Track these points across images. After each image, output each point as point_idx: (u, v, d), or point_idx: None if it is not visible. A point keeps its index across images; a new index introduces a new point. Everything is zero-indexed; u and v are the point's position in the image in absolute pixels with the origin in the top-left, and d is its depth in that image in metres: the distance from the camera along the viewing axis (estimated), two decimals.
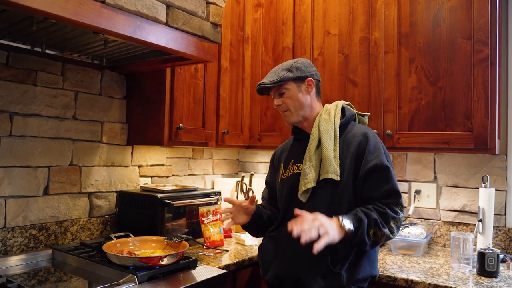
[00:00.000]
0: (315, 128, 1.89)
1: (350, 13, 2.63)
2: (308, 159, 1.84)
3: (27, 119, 2.11)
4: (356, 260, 1.77)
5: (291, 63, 1.91)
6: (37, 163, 2.16)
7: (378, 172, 1.75)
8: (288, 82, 1.88)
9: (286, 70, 1.88)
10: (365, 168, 1.75)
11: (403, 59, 2.43)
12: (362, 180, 1.77)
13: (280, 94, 1.90)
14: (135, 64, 2.34)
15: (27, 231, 2.10)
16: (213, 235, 2.45)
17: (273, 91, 1.92)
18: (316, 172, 1.81)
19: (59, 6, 1.43)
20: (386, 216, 1.70)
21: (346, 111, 1.93)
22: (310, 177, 1.81)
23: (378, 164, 1.75)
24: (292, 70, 1.88)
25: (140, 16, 1.70)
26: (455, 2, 2.28)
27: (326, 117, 1.89)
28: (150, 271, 1.77)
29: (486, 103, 2.17)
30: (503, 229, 2.46)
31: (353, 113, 1.96)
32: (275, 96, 1.93)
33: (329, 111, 1.91)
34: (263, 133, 2.98)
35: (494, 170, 2.52)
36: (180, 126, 2.37)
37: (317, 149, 1.84)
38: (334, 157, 1.79)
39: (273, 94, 1.93)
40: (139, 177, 2.68)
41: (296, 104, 1.89)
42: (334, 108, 1.92)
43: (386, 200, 1.73)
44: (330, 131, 1.84)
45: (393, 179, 1.76)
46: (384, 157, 1.78)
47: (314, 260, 1.73)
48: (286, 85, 1.88)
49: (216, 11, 2.03)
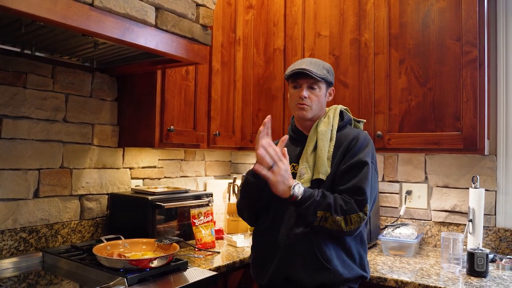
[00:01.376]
0: (313, 129, 1.92)
1: (340, 14, 2.64)
2: (305, 159, 1.86)
3: (17, 122, 2.11)
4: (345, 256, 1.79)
5: (328, 65, 1.95)
6: (27, 165, 2.15)
7: (356, 168, 1.76)
8: (324, 82, 1.91)
9: (326, 71, 1.91)
10: (346, 163, 1.78)
11: (393, 60, 2.44)
12: (340, 174, 1.79)
13: (311, 88, 1.90)
14: (126, 66, 2.34)
15: (17, 234, 2.09)
16: (204, 237, 2.45)
17: (307, 81, 1.89)
18: (312, 172, 1.84)
19: (47, 9, 1.42)
20: (349, 205, 1.69)
21: (344, 115, 1.97)
22: (306, 177, 1.83)
23: (358, 161, 1.77)
24: (330, 73, 1.94)
25: (129, 18, 1.70)
26: (444, 4, 2.29)
27: (325, 120, 1.93)
28: (140, 274, 1.77)
29: (475, 104, 2.18)
30: (493, 229, 2.48)
31: (350, 118, 2.00)
32: (305, 87, 1.89)
33: (328, 114, 1.95)
34: (255, 135, 2.94)
35: (484, 170, 2.54)
36: (171, 128, 2.37)
37: (314, 150, 1.87)
38: (328, 158, 1.83)
39: (305, 83, 1.90)
40: (130, 179, 2.67)
41: (319, 105, 1.92)
42: (333, 112, 1.96)
43: (352, 195, 1.72)
44: (328, 134, 1.87)
45: (367, 179, 1.74)
46: (369, 156, 1.79)
47: (306, 256, 1.76)
48: (321, 84, 1.91)
49: (206, 13, 2.03)
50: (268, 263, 1.86)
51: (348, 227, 1.69)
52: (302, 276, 1.76)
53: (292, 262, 1.79)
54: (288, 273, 1.79)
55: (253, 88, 3.01)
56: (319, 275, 1.74)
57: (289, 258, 1.80)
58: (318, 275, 1.74)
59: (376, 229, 2.67)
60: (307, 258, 1.76)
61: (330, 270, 1.73)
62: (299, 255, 1.77)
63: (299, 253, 1.77)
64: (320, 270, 1.74)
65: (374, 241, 2.60)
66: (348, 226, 1.69)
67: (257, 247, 1.97)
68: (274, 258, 1.85)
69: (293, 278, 1.78)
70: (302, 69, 1.86)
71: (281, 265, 1.81)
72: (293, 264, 1.78)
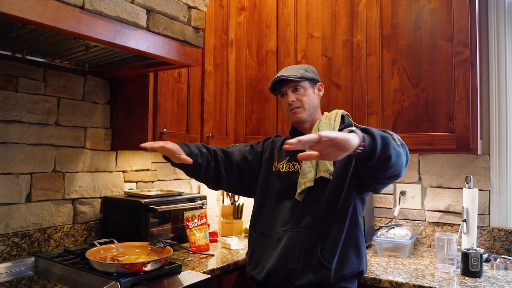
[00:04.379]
0: (314, 130, 1.94)
1: (332, 16, 2.64)
2: None
3: (8, 126, 2.09)
4: (344, 253, 1.80)
5: (305, 65, 2.03)
6: (19, 170, 2.13)
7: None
8: (305, 81, 1.96)
9: (304, 70, 1.98)
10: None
11: (386, 61, 2.44)
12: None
13: (295, 90, 1.96)
14: (118, 69, 2.33)
15: (9, 239, 2.08)
16: (198, 239, 2.44)
17: (289, 86, 1.97)
18: (315, 171, 1.87)
19: (37, 12, 1.41)
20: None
21: (345, 119, 2.00)
22: (309, 176, 1.86)
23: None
24: (309, 71, 1.99)
25: (120, 21, 1.69)
26: (435, 5, 2.30)
27: (326, 122, 1.95)
28: (133, 278, 1.76)
29: (468, 104, 2.19)
30: (487, 229, 2.48)
31: (350, 122, 2.02)
32: (289, 92, 1.96)
33: (330, 117, 1.98)
34: (248, 137, 2.97)
35: (477, 170, 2.54)
36: (164, 131, 2.36)
37: None
38: None
39: (288, 89, 1.97)
40: (123, 183, 2.66)
41: (310, 102, 1.97)
42: (335, 115, 1.98)
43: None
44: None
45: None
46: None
47: (305, 252, 1.78)
48: (303, 83, 1.96)
49: (197, 15, 2.03)
50: (266, 259, 1.88)
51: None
52: (300, 274, 1.77)
53: (291, 259, 1.80)
54: (286, 269, 1.80)
55: (246, 90, 3.01)
56: (317, 272, 1.75)
57: (288, 254, 1.81)
58: (317, 271, 1.75)
59: (371, 230, 2.68)
60: (307, 256, 1.78)
61: (329, 268, 1.74)
62: (298, 252, 1.79)
63: (299, 250, 1.79)
64: (319, 269, 1.75)
65: (368, 242, 2.59)
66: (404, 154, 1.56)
67: (254, 242, 1.98)
68: (272, 254, 1.86)
69: (290, 275, 1.79)
70: (279, 77, 1.96)
71: (280, 261, 1.82)
72: (291, 261, 1.79)
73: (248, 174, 2.10)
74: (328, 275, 1.74)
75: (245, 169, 2.10)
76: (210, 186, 2.09)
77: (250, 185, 2.11)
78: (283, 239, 1.84)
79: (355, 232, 1.84)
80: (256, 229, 2.00)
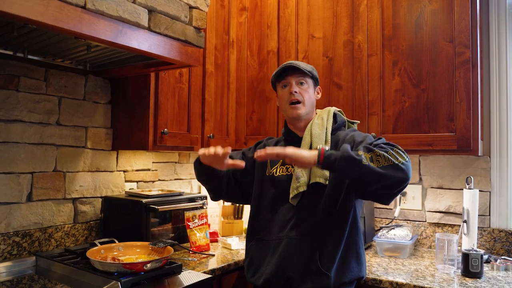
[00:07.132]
0: (307, 132, 1.91)
1: (334, 16, 2.64)
2: None
3: (9, 125, 2.09)
4: (344, 260, 1.77)
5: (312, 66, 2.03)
6: (20, 169, 2.14)
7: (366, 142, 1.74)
8: (311, 78, 1.97)
9: (312, 68, 1.98)
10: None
11: (387, 62, 2.45)
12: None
13: (300, 83, 1.94)
14: (119, 69, 2.33)
15: (10, 238, 2.08)
16: (199, 239, 2.44)
17: (295, 77, 1.94)
18: (308, 176, 1.82)
19: (39, 12, 1.42)
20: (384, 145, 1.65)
21: (337, 118, 1.97)
22: (302, 180, 1.82)
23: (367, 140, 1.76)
24: (314, 70, 2.00)
25: (121, 21, 1.69)
26: (436, 6, 2.30)
27: (318, 122, 1.91)
28: (134, 277, 1.76)
29: (469, 105, 2.19)
30: (488, 230, 2.49)
31: (343, 120, 2.00)
32: (294, 83, 1.93)
33: (322, 117, 1.94)
34: (249, 137, 2.98)
35: (478, 171, 2.55)
36: (164, 131, 2.36)
37: None
38: None
39: (293, 80, 1.94)
40: (124, 182, 2.66)
41: (309, 100, 1.95)
42: (327, 114, 1.96)
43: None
44: (322, 136, 1.86)
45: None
46: (372, 138, 1.79)
47: (304, 260, 1.75)
48: (309, 79, 1.96)
49: (199, 15, 2.03)
50: (264, 265, 1.86)
51: (401, 159, 1.58)
52: (299, 282, 1.75)
53: (289, 266, 1.78)
54: (284, 277, 1.78)
55: (247, 90, 3.01)
56: (316, 279, 1.73)
57: (286, 262, 1.79)
58: (316, 279, 1.73)
59: (371, 231, 2.68)
60: (305, 264, 1.75)
61: (329, 276, 1.72)
62: (296, 259, 1.76)
63: (296, 257, 1.76)
64: (318, 277, 1.73)
65: (369, 242, 2.60)
66: (400, 157, 1.59)
67: (251, 249, 1.96)
68: (270, 260, 1.84)
69: (289, 283, 1.78)
70: (289, 63, 1.92)
71: (278, 269, 1.80)
72: (289, 269, 1.77)
73: (245, 183, 2.08)
74: (328, 283, 1.72)
75: (243, 179, 2.08)
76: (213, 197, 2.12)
77: (249, 192, 2.09)
78: (281, 245, 1.81)
79: (355, 238, 1.82)
80: (253, 236, 1.97)
